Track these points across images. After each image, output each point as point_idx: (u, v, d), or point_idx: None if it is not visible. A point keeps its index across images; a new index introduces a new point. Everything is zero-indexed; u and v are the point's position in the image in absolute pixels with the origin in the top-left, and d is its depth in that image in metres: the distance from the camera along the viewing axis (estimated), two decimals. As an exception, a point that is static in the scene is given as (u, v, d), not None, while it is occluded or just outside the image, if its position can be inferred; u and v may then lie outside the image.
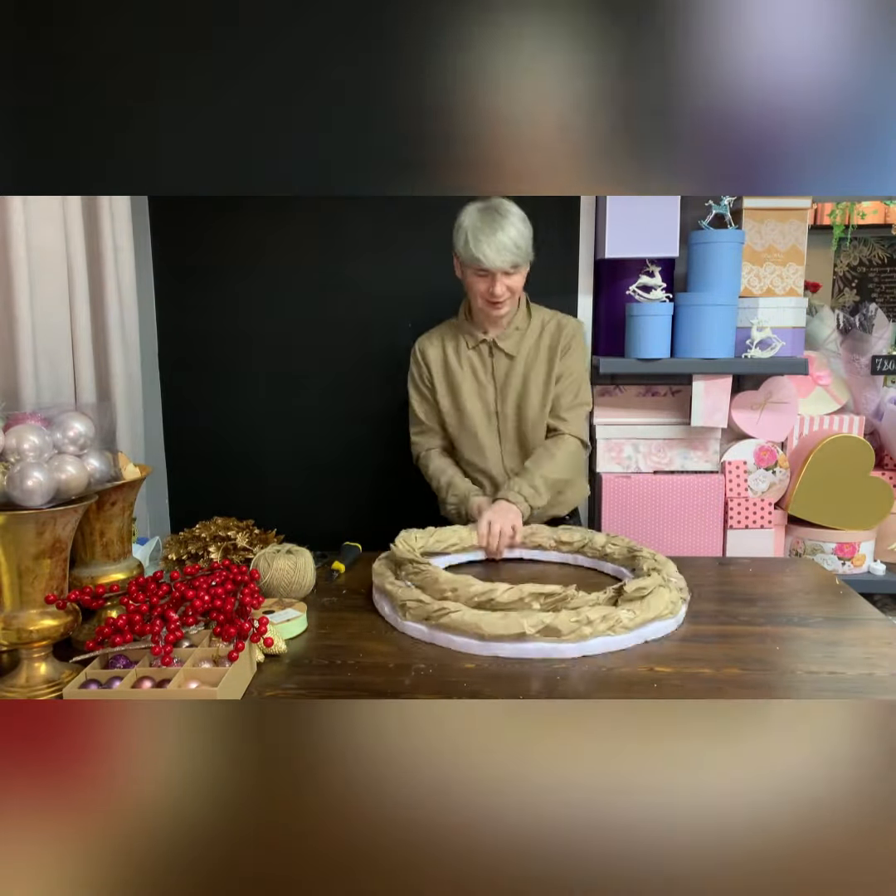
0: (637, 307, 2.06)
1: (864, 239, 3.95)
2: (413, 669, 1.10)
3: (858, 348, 2.22)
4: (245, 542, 1.48)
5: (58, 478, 1.00)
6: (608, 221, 2.05)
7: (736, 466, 2.17)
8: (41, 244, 1.68)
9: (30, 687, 1.03)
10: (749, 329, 2.09)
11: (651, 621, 1.18)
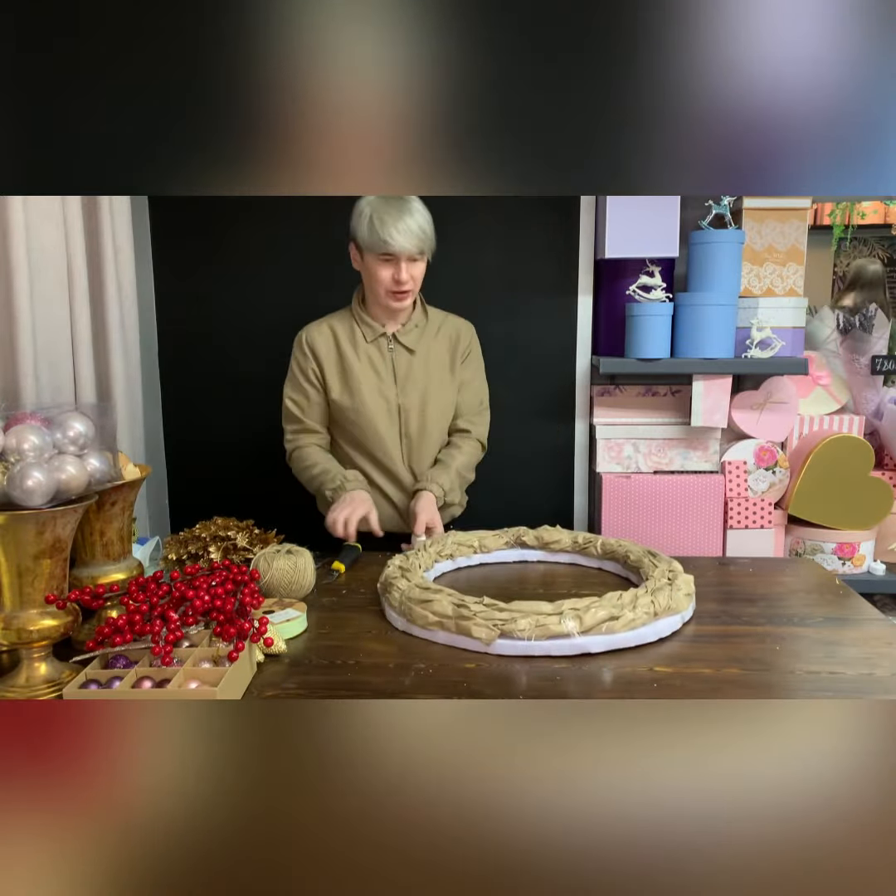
0: (637, 307, 2.06)
1: (864, 239, 3.95)
2: (413, 669, 1.10)
3: (858, 348, 2.22)
4: (245, 542, 1.48)
5: (58, 478, 1.00)
6: (608, 221, 2.05)
7: (736, 466, 2.17)
8: (41, 244, 1.68)
9: (30, 687, 1.03)
10: (749, 329, 2.09)
11: (669, 614, 1.20)
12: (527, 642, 1.12)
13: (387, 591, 1.30)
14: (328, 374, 1.70)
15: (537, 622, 1.12)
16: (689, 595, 1.25)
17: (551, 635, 1.11)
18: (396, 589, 1.26)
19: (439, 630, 1.18)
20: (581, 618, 1.13)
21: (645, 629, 1.16)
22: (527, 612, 1.14)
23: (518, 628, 1.12)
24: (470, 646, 1.14)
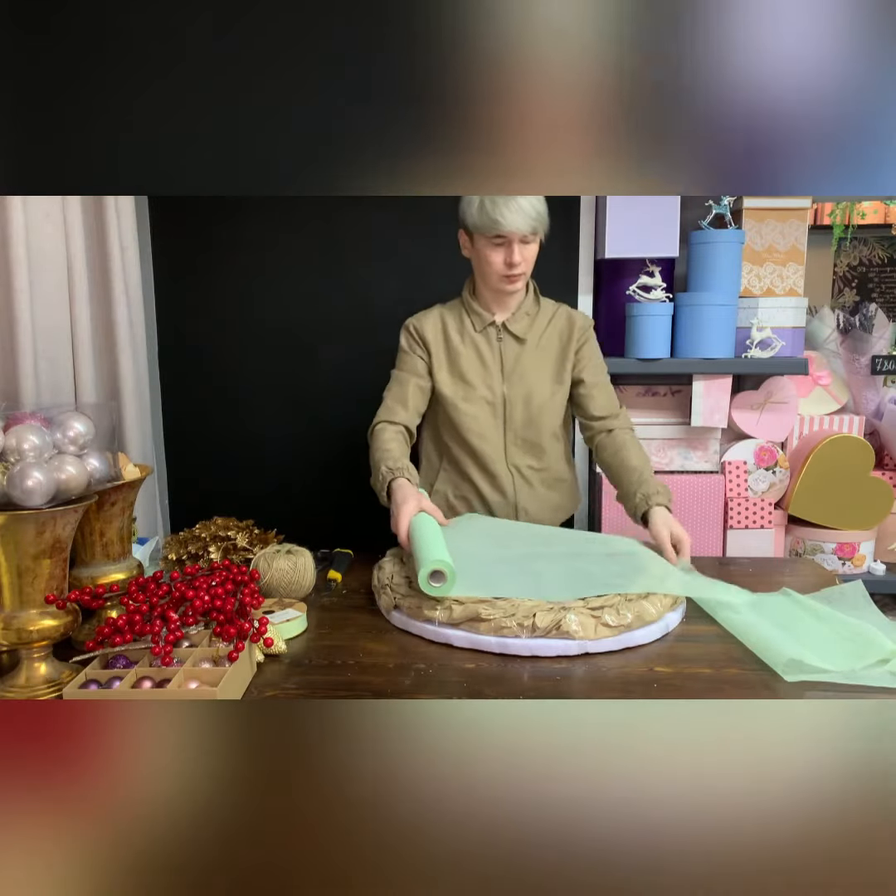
0: (637, 307, 2.06)
1: (864, 239, 3.95)
2: (413, 669, 1.10)
3: (858, 348, 2.22)
4: (245, 542, 1.48)
5: (58, 478, 1.00)
6: (608, 221, 2.05)
7: (736, 466, 2.17)
8: (41, 244, 1.68)
9: (30, 687, 1.03)
10: (749, 329, 2.09)
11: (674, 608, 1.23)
12: (524, 640, 1.12)
13: (378, 578, 1.35)
14: (434, 358, 1.66)
15: (464, 609, 1.16)
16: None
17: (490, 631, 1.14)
18: (386, 575, 1.33)
19: (394, 612, 1.25)
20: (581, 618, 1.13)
21: (645, 629, 1.17)
22: (505, 608, 1.15)
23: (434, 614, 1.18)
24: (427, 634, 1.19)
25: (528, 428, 1.66)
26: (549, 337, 1.66)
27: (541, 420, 1.66)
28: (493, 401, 1.65)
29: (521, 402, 1.64)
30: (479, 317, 1.65)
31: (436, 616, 1.18)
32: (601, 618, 1.14)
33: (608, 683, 1.05)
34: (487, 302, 1.65)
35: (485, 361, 1.65)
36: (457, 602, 1.17)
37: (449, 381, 1.65)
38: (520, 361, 1.64)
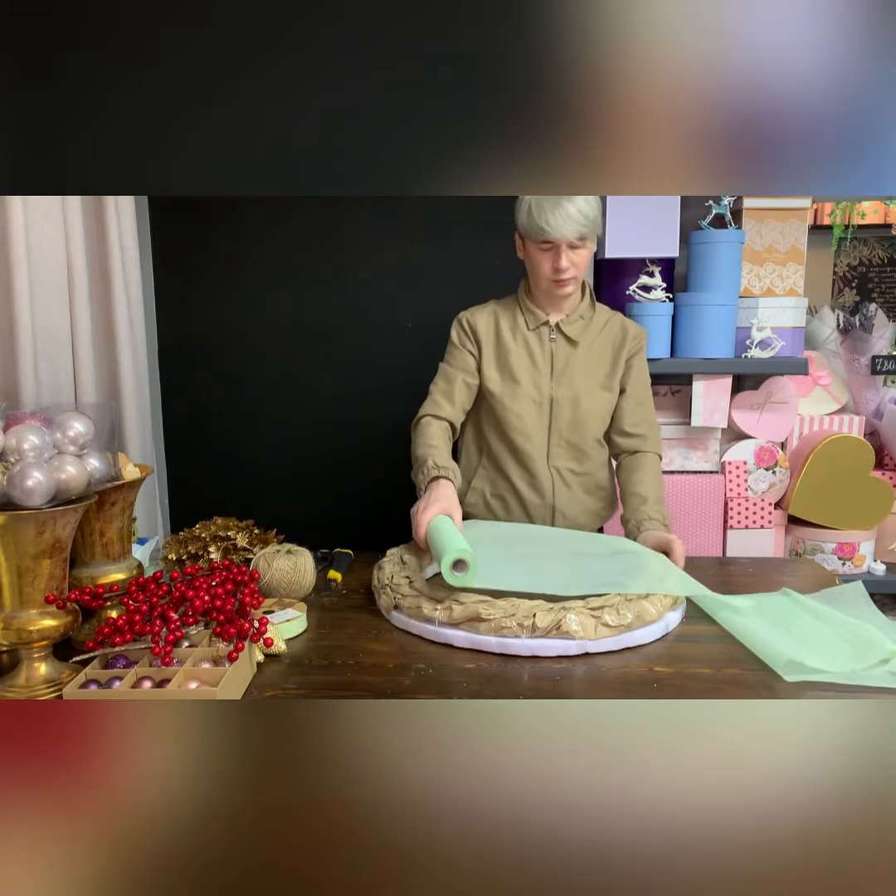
0: (637, 307, 2.06)
1: (864, 239, 3.95)
2: (413, 669, 1.10)
3: (858, 348, 2.22)
4: (245, 542, 1.48)
5: (58, 478, 1.00)
6: (608, 221, 2.05)
7: (736, 466, 2.17)
8: (41, 244, 1.68)
9: (30, 687, 1.03)
10: (749, 329, 2.10)
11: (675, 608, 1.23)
12: (524, 640, 1.12)
13: (378, 578, 1.35)
14: (485, 352, 1.64)
15: (463, 609, 1.16)
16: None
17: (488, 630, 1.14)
18: (385, 575, 1.32)
19: (394, 612, 1.25)
20: (584, 619, 1.13)
21: (645, 629, 1.17)
22: (506, 608, 1.15)
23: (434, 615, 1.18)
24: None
25: (573, 431, 1.64)
26: (602, 343, 1.65)
27: (587, 424, 1.64)
28: (540, 400, 1.63)
29: (568, 404, 1.62)
30: (534, 315, 1.63)
31: (436, 616, 1.18)
32: (601, 618, 1.14)
33: (608, 683, 1.05)
34: (541, 303, 1.64)
35: (535, 360, 1.63)
36: (457, 602, 1.17)
37: (497, 377, 1.64)
38: (570, 364, 1.63)
